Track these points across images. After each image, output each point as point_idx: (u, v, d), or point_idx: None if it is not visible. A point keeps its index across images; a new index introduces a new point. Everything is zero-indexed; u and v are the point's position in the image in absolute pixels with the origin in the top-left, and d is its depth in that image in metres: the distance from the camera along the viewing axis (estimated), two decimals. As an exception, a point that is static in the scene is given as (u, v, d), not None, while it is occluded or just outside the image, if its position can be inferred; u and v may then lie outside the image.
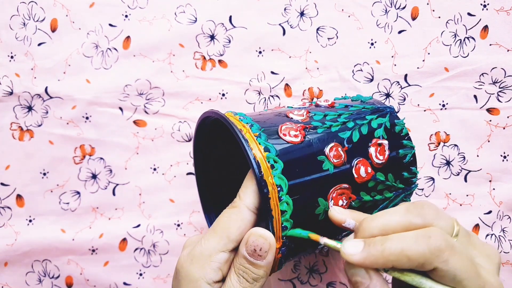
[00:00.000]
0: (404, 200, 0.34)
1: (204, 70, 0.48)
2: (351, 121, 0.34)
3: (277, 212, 0.28)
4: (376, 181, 0.32)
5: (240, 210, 0.29)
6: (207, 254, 0.28)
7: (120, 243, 0.47)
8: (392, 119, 0.34)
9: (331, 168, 0.31)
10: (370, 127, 0.33)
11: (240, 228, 0.28)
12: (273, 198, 0.28)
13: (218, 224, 0.29)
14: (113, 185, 0.48)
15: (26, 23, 0.47)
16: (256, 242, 0.27)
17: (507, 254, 0.45)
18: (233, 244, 0.29)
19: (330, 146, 0.31)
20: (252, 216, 0.29)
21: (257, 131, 0.30)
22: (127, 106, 0.47)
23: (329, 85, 0.47)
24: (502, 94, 0.45)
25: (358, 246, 0.25)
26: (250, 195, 0.29)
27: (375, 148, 0.33)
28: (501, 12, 0.45)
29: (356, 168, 0.31)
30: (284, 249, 0.29)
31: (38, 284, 0.47)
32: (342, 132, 0.33)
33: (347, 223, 0.29)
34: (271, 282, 0.47)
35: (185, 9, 0.47)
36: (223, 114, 0.31)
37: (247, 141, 0.29)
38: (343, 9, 0.47)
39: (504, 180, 0.46)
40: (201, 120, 0.35)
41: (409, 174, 0.34)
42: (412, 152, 0.34)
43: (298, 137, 0.31)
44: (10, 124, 0.47)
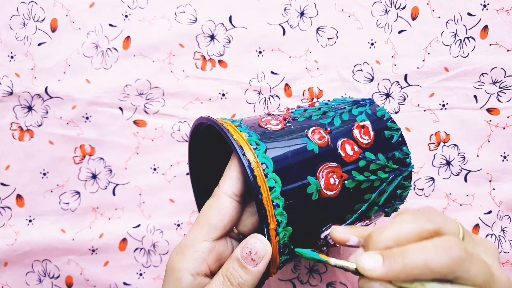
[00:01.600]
0: (403, 183, 0.33)
1: (204, 70, 0.48)
2: (331, 111, 0.34)
3: (266, 189, 0.27)
4: (366, 160, 0.32)
5: (218, 198, 0.29)
6: (190, 244, 0.28)
7: (120, 243, 0.47)
8: (373, 108, 0.35)
9: (316, 148, 0.30)
10: (351, 114, 0.34)
11: (220, 214, 0.29)
12: (259, 175, 0.27)
13: (200, 215, 0.29)
14: (113, 185, 0.48)
15: (26, 23, 0.47)
16: (254, 245, 0.27)
17: (507, 254, 0.45)
18: (216, 232, 0.28)
19: (312, 129, 0.31)
20: (232, 203, 0.29)
21: (238, 122, 0.31)
22: (127, 106, 0.47)
23: (329, 85, 0.47)
24: (502, 94, 0.45)
25: (377, 261, 0.24)
26: (228, 182, 0.29)
27: (358, 130, 0.33)
28: (501, 12, 0.45)
29: (341, 147, 0.31)
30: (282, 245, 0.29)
31: (38, 284, 0.47)
32: (322, 119, 0.33)
33: (351, 241, 0.28)
34: (271, 282, 0.47)
35: (185, 9, 0.47)
36: (209, 117, 0.32)
37: (228, 130, 0.30)
38: (343, 9, 0.47)
39: (504, 180, 0.46)
40: (194, 126, 0.35)
41: (401, 154, 0.33)
42: (399, 133, 0.33)
43: (279, 125, 0.32)
44: (10, 124, 0.47)
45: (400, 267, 0.23)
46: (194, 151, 0.39)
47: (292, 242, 0.29)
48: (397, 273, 0.23)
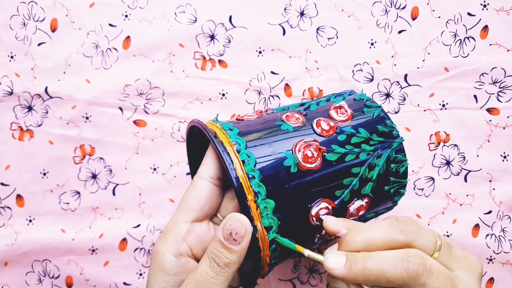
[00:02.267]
0: (395, 157, 0.32)
1: (204, 70, 0.48)
2: (308, 102, 0.35)
3: (239, 162, 0.28)
4: (346, 134, 0.31)
5: (194, 181, 0.31)
6: (170, 228, 0.30)
7: (120, 243, 0.47)
8: (352, 96, 0.35)
9: (290, 128, 0.31)
10: (328, 101, 0.35)
11: (196, 196, 0.30)
12: (232, 152, 0.28)
13: (180, 201, 0.31)
14: (113, 185, 0.48)
15: (26, 23, 0.47)
16: (232, 226, 0.27)
17: (507, 254, 0.45)
18: (194, 213, 0.30)
19: (286, 114, 0.32)
20: (208, 185, 0.30)
21: (216, 121, 0.33)
22: (127, 106, 0.47)
23: (329, 85, 0.47)
24: (502, 94, 0.45)
25: (340, 261, 0.25)
26: (203, 167, 0.31)
27: (335, 110, 0.33)
28: (501, 12, 0.45)
29: (317, 124, 0.32)
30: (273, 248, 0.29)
31: (38, 284, 0.47)
32: (299, 108, 0.34)
33: (342, 233, 0.28)
34: (271, 282, 0.47)
35: (185, 9, 0.47)
36: (197, 120, 0.33)
37: (202, 123, 0.31)
38: (343, 9, 0.47)
39: (504, 180, 0.46)
40: (188, 130, 0.35)
41: (384, 127, 0.32)
42: (380, 109, 0.33)
43: (254, 116, 0.33)
44: (10, 124, 0.47)
45: (358, 272, 0.25)
46: (192, 152, 0.39)
47: (278, 218, 0.29)
48: (355, 276, 0.25)
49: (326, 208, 0.30)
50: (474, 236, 0.46)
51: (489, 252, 0.46)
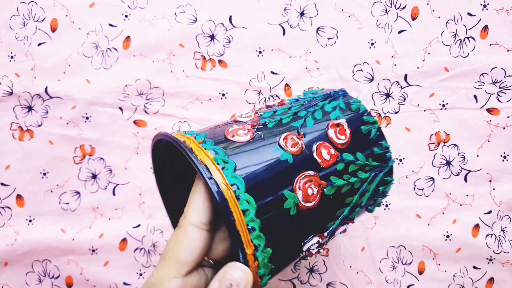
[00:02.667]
0: (384, 180, 0.32)
1: (204, 70, 0.48)
2: (303, 110, 0.31)
3: (239, 213, 0.25)
4: (344, 162, 0.29)
5: (185, 230, 0.27)
6: (158, 284, 0.26)
7: (120, 243, 0.47)
8: (346, 100, 0.32)
9: (290, 157, 0.28)
10: (323, 111, 0.31)
11: (189, 248, 0.26)
12: (230, 198, 0.25)
13: (167, 250, 0.27)
14: (113, 185, 0.48)
15: (26, 23, 0.47)
16: (234, 276, 0.25)
17: (507, 254, 0.45)
18: (186, 268, 0.26)
19: (284, 136, 0.29)
20: (202, 233, 0.27)
21: (202, 138, 0.28)
22: (127, 106, 0.47)
23: (329, 85, 0.47)
24: (502, 94, 0.45)
25: None
26: (194, 211, 0.27)
27: (334, 130, 0.30)
28: (501, 12, 0.45)
29: (317, 152, 0.29)
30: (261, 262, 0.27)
31: (38, 284, 0.47)
32: (294, 121, 0.30)
33: None
34: (271, 282, 0.47)
35: (185, 9, 0.47)
36: (167, 133, 0.30)
37: (191, 149, 0.27)
38: (343, 9, 0.47)
39: (504, 180, 0.46)
40: (154, 143, 0.33)
41: (380, 150, 0.31)
42: (377, 127, 0.31)
43: (247, 135, 0.29)
44: (10, 124, 0.47)
45: None
46: (160, 167, 0.36)
47: (272, 263, 0.27)
48: None
49: (318, 242, 0.30)
50: (474, 236, 0.46)
51: (489, 252, 0.46)
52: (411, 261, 0.46)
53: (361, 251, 0.47)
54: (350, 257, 0.47)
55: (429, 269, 0.46)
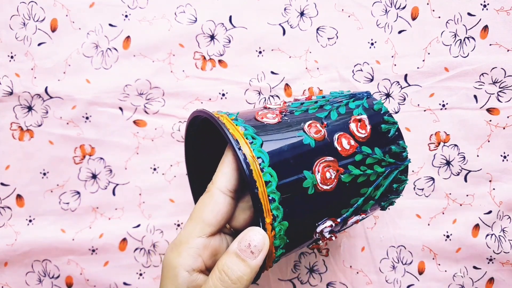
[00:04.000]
0: (399, 177, 0.33)
1: (204, 70, 0.48)
2: (328, 104, 0.34)
3: (262, 184, 0.27)
4: (363, 154, 0.31)
5: (212, 194, 0.29)
6: (184, 241, 0.28)
7: (120, 243, 0.47)
8: (370, 101, 0.34)
9: (312, 142, 0.30)
10: (347, 107, 0.34)
11: (214, 210, 0.29)
12: (255, 169, 0.27)
13: (194, 211, 0.29)
14: (113, 185, 0.48)
15: (26, 23, 0.47)
16: (253, 237, 0.27)
17: (507, 254, 0.45)
18: (210, 228, 0.29)
19: (309, 123, 0.31)
20: (226, 199, 0.29)
21: (234, 116, 0.31)
22: (127, 106, 0.47)
23: (329, 85, 0.47)
24: (502, 94, 0.45)
25: None
26: (222, 178, 0.29)
27: (355, 124, 0.32)
28: (501, 12, 0.45)
29: (338, 141, 0.31)
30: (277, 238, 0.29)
31: (38, 284, 0.47)
32: (319, 113, 0.33)
33: None
34: (271, 282, 0.47)
35: (185, 9, 0.47)
36: (205, 110, 0.32)
37: (224, 124, 0.29)
38: (343, 9, 0.47)
39: (504, 180, 0.46)
40: (190, 119, 0.35)
41: (397, 148, 0.33)
42: (396, 127, 0.33)
43: (275, 119, 0.32)
44: (10, 124, 0.47)
45: None
46: (190, 144, 0.39)
47: (287, 236, 0.29)
48: None
49: (331, 226, 0.31)
50: (474, 236, 0.46)
51: (489, 252, 0.46)
52: (411, 261, 0.47)
53: (361, 251, 0.47)
54: (350, 257, 0.47)
55: (429, 269, 0.46)
